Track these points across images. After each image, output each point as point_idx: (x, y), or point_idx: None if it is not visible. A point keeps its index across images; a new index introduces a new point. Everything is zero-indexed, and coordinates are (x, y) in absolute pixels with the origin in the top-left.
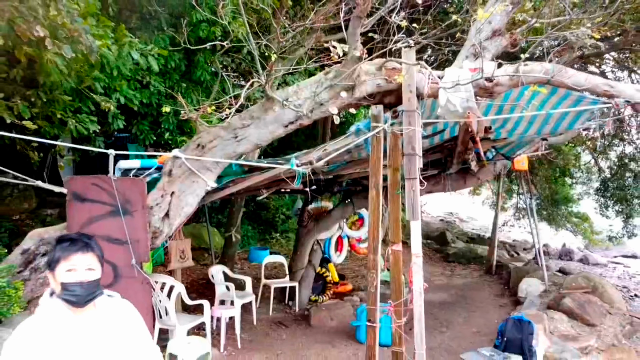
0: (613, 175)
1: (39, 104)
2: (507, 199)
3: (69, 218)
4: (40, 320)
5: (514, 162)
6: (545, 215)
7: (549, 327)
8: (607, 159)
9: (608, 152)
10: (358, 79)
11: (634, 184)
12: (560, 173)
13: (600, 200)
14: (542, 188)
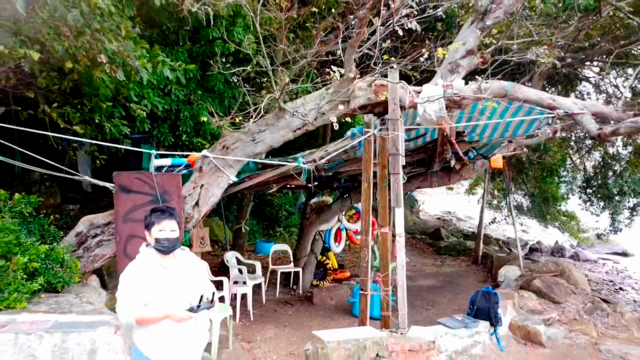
0: (596, 174)
1: (84, 111)
2: (501, 198)
3: (116, 206)
4: (142, 260)
5: (491, 160)
6: (535, 213)
7: (518, 303)
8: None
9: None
10: (353, 94)
11: (613, 182)
12: (548, 173)
13: (583, 198)
14: (532, 187)
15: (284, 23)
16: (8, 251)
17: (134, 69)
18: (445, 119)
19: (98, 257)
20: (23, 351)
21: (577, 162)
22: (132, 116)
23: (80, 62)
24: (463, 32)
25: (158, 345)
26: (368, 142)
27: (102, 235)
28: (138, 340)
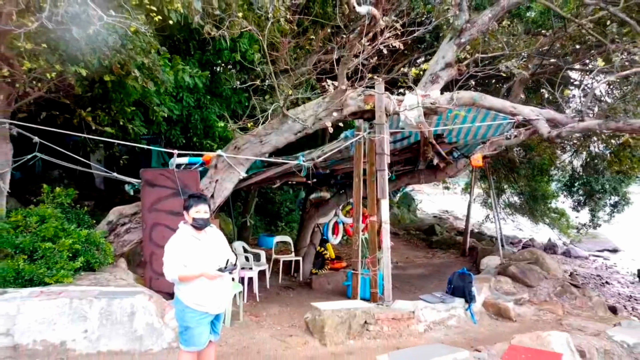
0: (579, 173)
1: (111, 114)
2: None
3: (142, 198)
4: (181, 234)
5: (472, 159)
6: (526, 210)
7: (494, 286)
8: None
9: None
10: (345, 102)
11: (594, 180)
12: (538, 171)
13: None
14: (523, 186)
15: (287, 34)
16: (55, 235)
17: (160, 80)
18: (424, 124)
19: (127, 242)
20: (77, 312)
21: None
22: (148, 119)
23: (115, 74)
24: (442, 47)
25: (196, 297)
26: (359, 143)
27: (129, 223)
28: (180, 294)
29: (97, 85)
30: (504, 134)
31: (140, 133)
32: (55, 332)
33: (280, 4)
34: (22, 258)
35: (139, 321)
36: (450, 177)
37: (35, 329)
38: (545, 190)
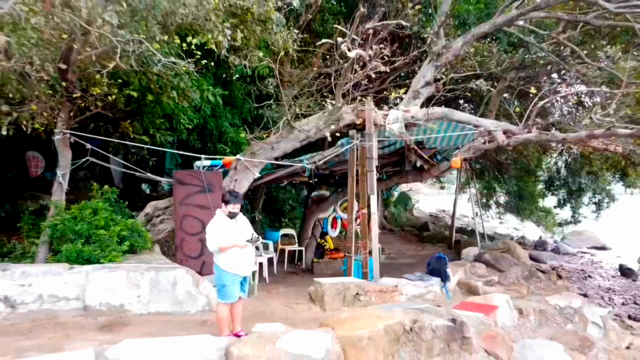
0: (559, 173)
1: (144, 125)
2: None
3: (174, 194)
4: (219, 218)
5: (451, 162)
6: (514, 209)
7: (470, 270)
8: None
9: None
10: (341, 116)
11: (571, 180)
12: (526, 172)
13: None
14: (510, 185)
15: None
16: (106, 224)
17: (190, 98)
18: (404, 134)
19: (161, 231)
20: (132, 282)
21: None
22: (172, 127)
23: (154, 93)
24: (423, 68)
25: (230, 263)
26: (352, 149)
27: (163, 215)
28: (219, 261)
29: (134, 102)
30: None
31: (166, 140)
32: (116, 296)
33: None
34: (81, 242)
35: (180, 289)
36: (434, 177)
37: (100, 294)
38: (532, 190)
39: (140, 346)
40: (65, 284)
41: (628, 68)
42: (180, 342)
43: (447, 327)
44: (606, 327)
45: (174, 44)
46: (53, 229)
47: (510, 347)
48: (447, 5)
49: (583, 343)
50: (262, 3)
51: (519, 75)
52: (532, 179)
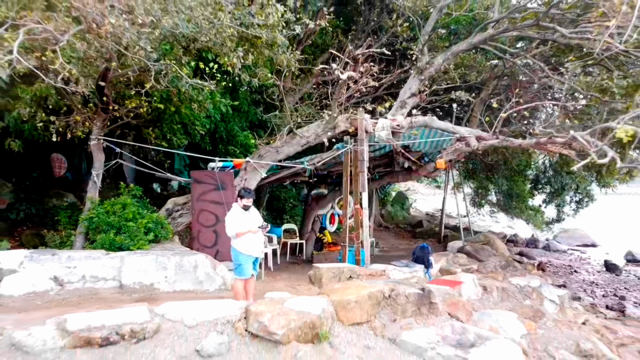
0: (545, 173)
1: (163, 130)
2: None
3: (192, 192)
4: (236, 209)
5: (437, 163)
6: (503, 206)
7: (452, 259)
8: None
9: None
10: (337, 124)
11: (554, 179)
12: (515, 172)
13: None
14: (501, 185)
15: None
16: (134, 217)
17: (206, 108)
18: (391, 140)
19: (180, 224)
20: (160, 264)
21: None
22: (186, 132)
23: (174, 105)
24: (409, 81)
25: (245, 246)
26: (346, 152)
27: (181, 210)
28: (236, 245)
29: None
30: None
31: (182, 144)
32: (147, 277)
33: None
34: (113, 232)
35: (200, 271)
36: (423, 177)
37: (133, 275)
38: (521, 189)
39: (180, 306)
40: (103, 266)
41: (583, 82)
42: (210, 304)
43: (418, 294)
44: (563, 304)
45: (194, 63)
46: (89, 221)
47: (470, 312)
48: (429, 26)
49: (535, 314)
50: (270, 32)
51: (499, 84)
52: (521, 178)
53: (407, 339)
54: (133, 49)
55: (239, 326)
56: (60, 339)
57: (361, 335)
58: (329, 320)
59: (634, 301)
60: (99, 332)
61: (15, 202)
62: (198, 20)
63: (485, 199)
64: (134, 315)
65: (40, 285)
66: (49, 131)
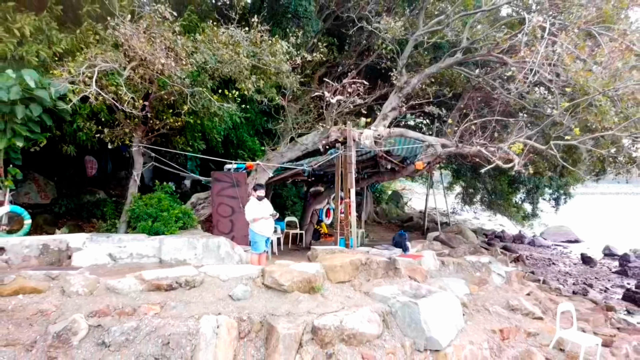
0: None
1: (186, 138)
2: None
3: (212, 188)
4: (253, 200)
5: (416, 165)
6: (489, 204)
7: (427, 246)
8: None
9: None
10: (330, 134)
11: (527, 180)
12: (499, 172)
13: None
14: (486, 183)
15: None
16: (167, 208)
17: (224, 121)
18: (374, 146)
19: (202, 215)
20: (191, 244)
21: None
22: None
23: (199, 117)
24: (390, 97)
25: (260, 228)
26: (338, 157)
27: (203, 203)
28: (253, 227)
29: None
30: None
31: (201, 148)
32: (180, 254)
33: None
34: (150, 221)
35: (222, 250)
36: (406, 176)
37: (170, 253)
38: (504, 188)
39: (216, 267)
40: (146, 246)
41: (531, 99)
42: (237, 267)
43: (386, 262)
44: (510, 278)
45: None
46: (132, 212)
47: (426, 276)
48: (407, 52)
49: (481, 282)
50: (277, 63)
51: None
52: (504, 178)
53: (377, 292)
54: (172, 78)
55: (257, 280)
56: (140, 285)
57: (344, 289)
58: (321, 279)
59: (600, 289)
60: (165, 281)
61: (57, 197)
62: (223, 57)
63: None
64: (187, 271)
65: (100, 259)
66: (95, 139)
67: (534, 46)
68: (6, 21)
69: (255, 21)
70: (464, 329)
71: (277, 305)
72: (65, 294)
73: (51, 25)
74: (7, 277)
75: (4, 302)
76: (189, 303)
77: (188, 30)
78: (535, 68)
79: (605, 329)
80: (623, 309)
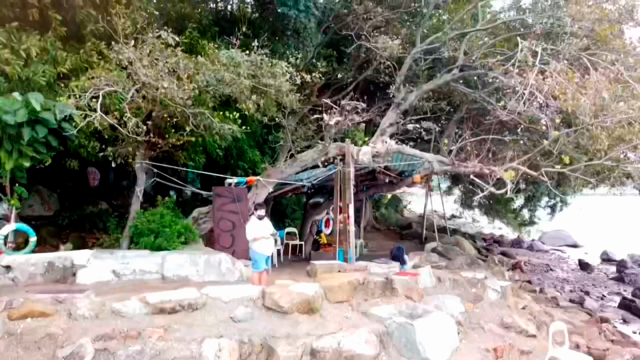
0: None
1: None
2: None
3: (214, 202)
4: (254, 220)
5: (414, 179)
6: (487, 210)
7: (425, 258)
8: None
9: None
10: (329, 151)
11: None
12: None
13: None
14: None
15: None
16: (170, 224)
17: (227, 139)
18: (372, 163)
19: (203, 229)
20: (193, 261)
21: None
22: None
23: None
24: (388, 113)
25: (260, 247)
26: (337, 172)
27: (205, 217)
28: (253, 246)
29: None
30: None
31: (203, 163)
32: (182, 270)
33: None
34: (153, 236)
35: (223, 266)
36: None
37: (172, 269)
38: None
39: (218, 288)
40: (149, 262)
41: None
42: (238, 287)
43: (383, 282)
44: (506, 294)
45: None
46: (134, 228)
47: (422, 295)
48: (404, 69)
49: (476, 298)
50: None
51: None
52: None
53: (374, 312)
54: (174, 100)
55: (258, 302)
56: (144, 308)
57: (342, 309)
58: (320, 299)
59: (597, 296)
60: (169, 304)
61: (60, 209)
62: (224, 78)
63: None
64: (190, 293)
65: (104, 276)
66: (99, 156)
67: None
68: (11, 42)
69: (255, 45)
70: (458, 348)
71: (277, 326)
72: (72, 317)
73: (56, 45)
74: (16, 300)
75: (13, 326)
76: (192, 326)
77: (189, 47)
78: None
79: (598, 343)
80: (619, 318)
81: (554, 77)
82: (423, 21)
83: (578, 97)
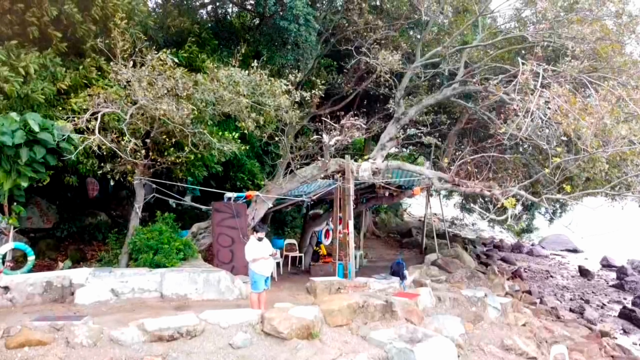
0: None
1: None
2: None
3: (212, 219)
4: (253, 240)
5: (413, 191)
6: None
7: (425, 271)
8: None
9: None
10: (328, 166)
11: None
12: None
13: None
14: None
15: None
16: (168, 241)
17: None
18: (372, 179)
19: (203, 245)
20: (192, 279)
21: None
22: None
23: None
24: (388, 128)
25: (259, 268)
26: (337, 187)
27: (204, 232)
28: (252, 267)
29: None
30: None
31: (203, 176)
32: (181, 288)
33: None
34: (152, 253)
35: (222, 284)
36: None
37: (171, 287)
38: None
39: (216, 313)
40: (148, 281)
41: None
42: (237, 312)
43: (383, 305)
44: (506, 310)
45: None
46: (133, 244)
47: (422, 317)
48: (404, 84)
49: (476, 318)
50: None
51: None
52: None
53: (374, 336)
54: (173, 118)
55: (257, 327)
56: (142, 335)
57: (342, 333)
58: (319, 323)
59: (597, 304)
60: (167, 332)
61: (60, 221)
62: (223, 97)
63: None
64: (188, 320)
65: (103, 295)
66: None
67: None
68: (10, 59)
69: (255, 65)
70: None
71: (276, 353)
72: (69, 346)
73: (55, 61)
74: (14, 327)
75: (11, 355)
76: (191, 354)
77: (189, 61)
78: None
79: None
80: (619, 328)
81: (555, 100)
82: (423, 35)
83: (580, 122)
